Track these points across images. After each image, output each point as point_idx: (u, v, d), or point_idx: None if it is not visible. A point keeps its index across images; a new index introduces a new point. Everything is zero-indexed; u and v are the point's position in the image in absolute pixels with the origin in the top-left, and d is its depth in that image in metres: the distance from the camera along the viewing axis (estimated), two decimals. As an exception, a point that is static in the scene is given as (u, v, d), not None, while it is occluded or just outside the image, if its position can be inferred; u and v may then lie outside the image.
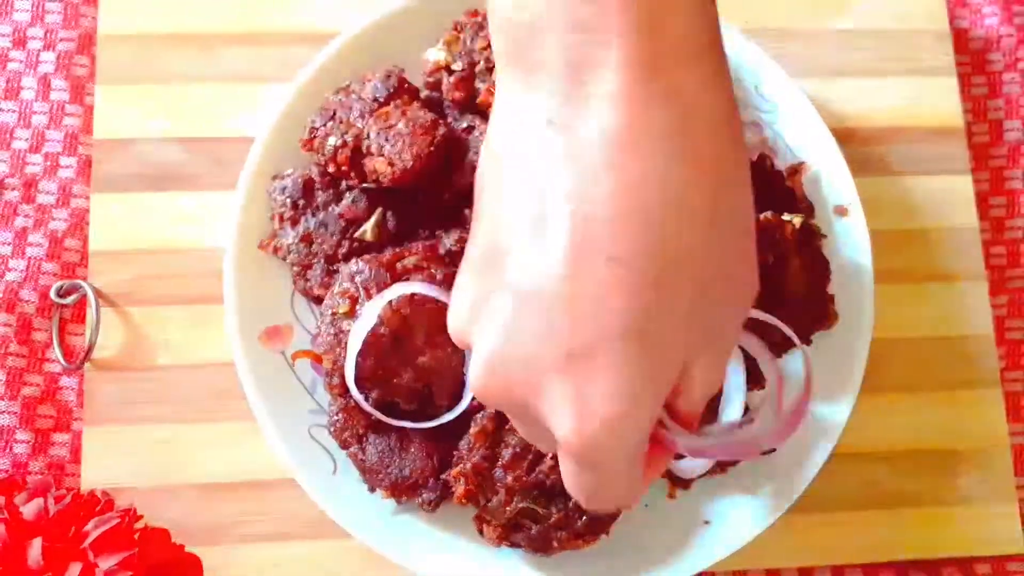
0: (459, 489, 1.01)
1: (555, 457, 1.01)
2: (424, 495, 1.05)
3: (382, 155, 1.08)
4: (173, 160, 1.21)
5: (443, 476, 1.04)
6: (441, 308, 1.04)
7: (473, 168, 1.11)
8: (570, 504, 1.01)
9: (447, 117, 1.14)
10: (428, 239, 1.11)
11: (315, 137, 1.12)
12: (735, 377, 1.08)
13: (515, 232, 0.68)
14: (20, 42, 1.25)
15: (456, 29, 1.14)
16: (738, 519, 1.09)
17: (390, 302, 1.03)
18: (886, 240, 1.23)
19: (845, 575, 1.17)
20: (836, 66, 1.31)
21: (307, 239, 1.12)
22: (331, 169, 1.12)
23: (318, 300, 1.12)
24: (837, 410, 1.12)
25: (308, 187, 1.14)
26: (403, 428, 1.04)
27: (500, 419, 1.03)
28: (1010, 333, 1.27)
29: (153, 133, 1.22)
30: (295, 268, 1.13)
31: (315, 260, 1.12)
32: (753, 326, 1.06)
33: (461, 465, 1.02)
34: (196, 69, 1.24)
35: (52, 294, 1.16)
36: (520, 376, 0.69)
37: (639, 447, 0.72)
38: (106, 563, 0.97)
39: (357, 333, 1.01)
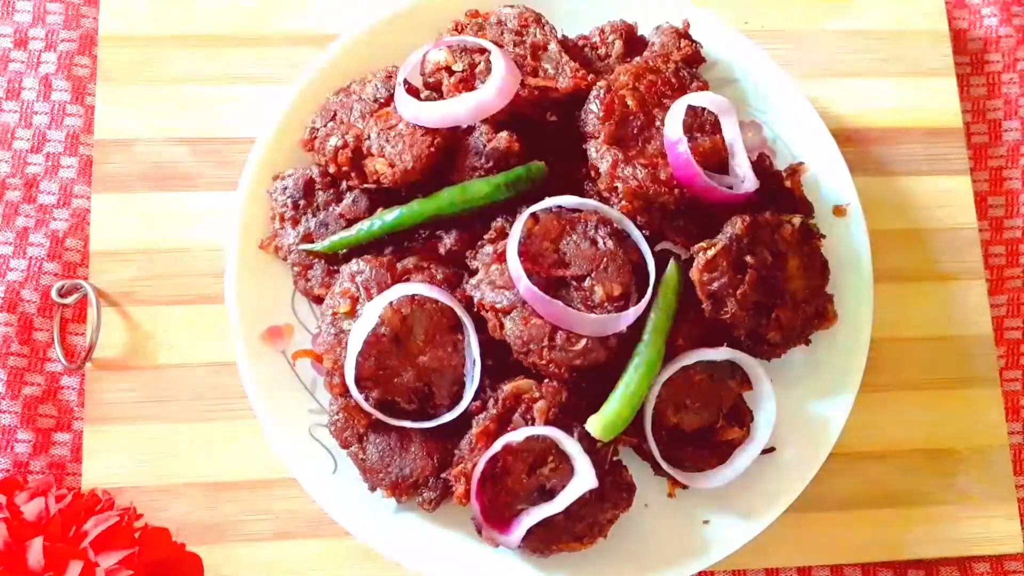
0: (459, 489, 1.02)
1: (556, 459, 1.02)
2: (424, 494, 1.05)
3: (383, 156, 1.08)
4: (174, 160, 1.21)
5: (443, 475, 1.04)
6: (441, 308, 1.04)
7: (473, 169, 1.13)
8: (569, 507, 1.02)
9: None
10: (428, 239, 1.11)
11: (316, 137, 1.13)
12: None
13: None
14: (21, 43, 1.25)
15: (456, 29, 1.14)
16: (738, 519, 1.09)
17: (390, 302, 1.03)
18: (885, 240, 1.23)
19: (844, 574, 1.17)
20: (836, 67, 1.31)
21: (308, 239, 1.13)
22: (332, 170, 1.12)
23: (319, 300, 1.13)
24: (836, 410, 1.12)
25: (309, 187, 1.14)
26: (403, 427, 1.04)
27: (502, 419, 1.03)
28: (1009, 333, 1.27)
29: (154, 133, 1.22)
30: (296, 268, 1.13)
31: (316, 260, 1.13)
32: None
33: (462, 465, 1.02)
34: (197, 70, 1.24)
35: (53, 294, 1.16)
36: None
37: None
38: (106, 562, 0.97)
39: (358, 333, 1.02)
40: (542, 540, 1.03)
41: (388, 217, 1.09)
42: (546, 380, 1.04)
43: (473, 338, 1.04)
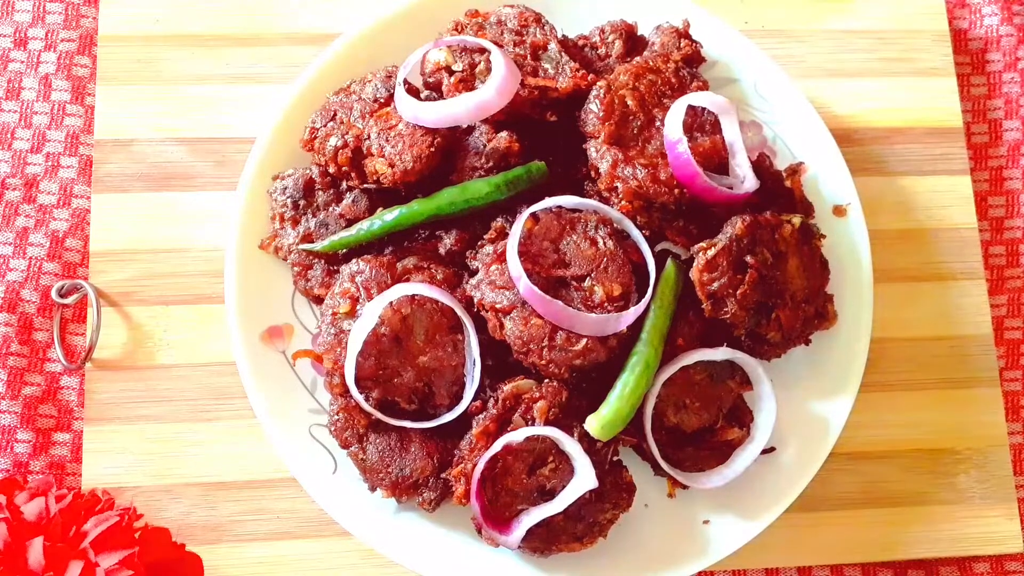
0: (459, 489, 1.02)
1: (556, 459, 1.02)
2: (424, 494, 1.05)
3: (383, 156, 1.08)
4: (174, 160, 1.21)
5: (443, 475, 1.04)
6: (441, 308, 1.05)
7: (473, 169, 1.13)
8: (569, 508, 1.02)
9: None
10: (428, 239, 1.11)
11: (316, 137, 1.13)
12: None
13: None
14: (21, 42, 1.25)
15: (456, 29, 1.14)
16: (738, 519, 1.09)
17: (390, 302, 1.03)
18: (885, 240, 1.23)
19: (844, 574, 1.17)
20: (836, 66, 1.31)
21: (308, 239, 1.13)
22: (331, 170, 1.12)
23: (318, 300, 1.13)
24: (836, 410, 1.12)
25: (308, 187, 1.14)
26: (403, 428, 1.04)
27: (502, 419, 1.03)
28: (1009, 333, 1.27)
29: (154, 133, 1.22)
30: (296, 268, 1.13)
31: (316, 260, 1.13)
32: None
33: (462, 465, 1.02)
34: (197, 69, 1.24)
35: (53, 294, 1.16)
36: None
37: None
38: (107, 562, 0.97)
39: (357, 333, 1.02)
40: (542, 540, 1.03)
41: (388, 217, 1.09)
42: (546, 380, 1.04)
43: (473, 338, 1.04)
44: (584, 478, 1.01)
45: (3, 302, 1.16)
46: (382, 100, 1.12)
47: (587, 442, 1.02)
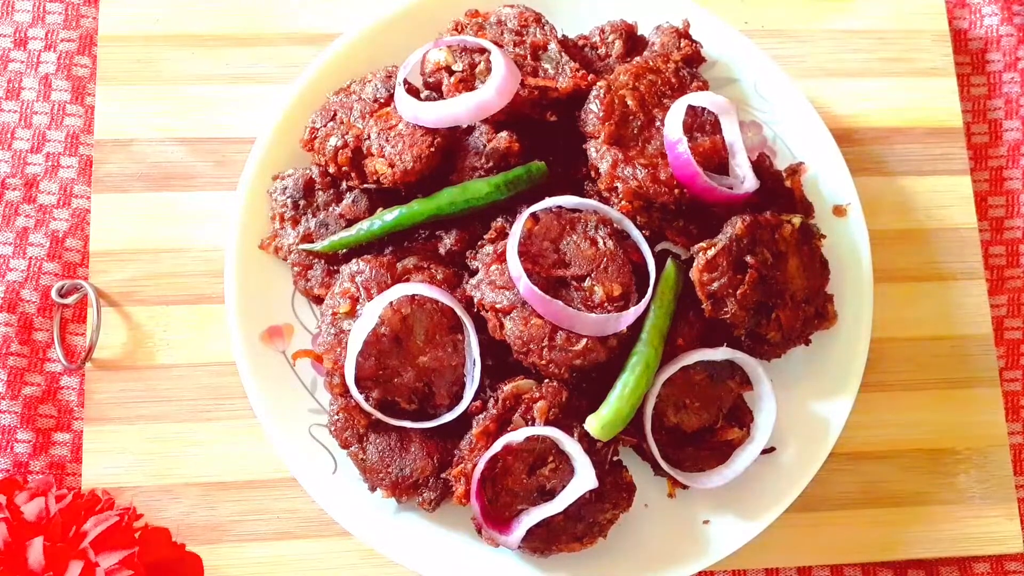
0: (459, 489, 1.02)
1: (556, 459, 1.02)
2: (424, 494, 1.05)
3: (383, 156, 1.08)
4: (174, 160, 1.21)
5: (443, 475, 1.04)
6: (441, 308, 1.05)
7: (473, 169, 1.13)
8: (569, 508, 1.02)
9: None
10: (428, 239, 1.11)
11: (316, 137, 1.13)
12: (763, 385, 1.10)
13: None
14: (21, 42, 1.25)
15: (456, 29, 1.14)
16: (738, 519, 1.09)
17: (390, 302, 1.03)
18: (885, 240, 1.23)
19: (844, 574, 1.17)
20: (835, 66, 1.31)
21: (308, 239, 1.13)
22: (332, 170, 1.12)
23: (319, 300, 1.13)
24: (836, 410, 1.12)
25: (309, 187, 1.14)
26: (403, 428, 1.04)
27: (502, 419, 1.03)
28: (1009, 333, 1.27)
29: (154, 133, 1.22)
30: (296, 268, 1.13)
31: (316, 260, 1.13)
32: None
33: (462, 465, 1.02)
34: (197, 69, 1.24)
35: (53, 294, 1.16)
36: None
37: None
38: (107, 562, 0.97)
39: (358, 333, 1.02)
40: (542, 540, 1.03)
41: (388, 217, 1.09)
42: (546, 380, 1.04)
43: (473, 338, 1.04)
44: (584, 478, 1.01)
45: (3, 302, 1.16)
46: (382, 100, 1.12)
47: (587, 442, 1.02)
